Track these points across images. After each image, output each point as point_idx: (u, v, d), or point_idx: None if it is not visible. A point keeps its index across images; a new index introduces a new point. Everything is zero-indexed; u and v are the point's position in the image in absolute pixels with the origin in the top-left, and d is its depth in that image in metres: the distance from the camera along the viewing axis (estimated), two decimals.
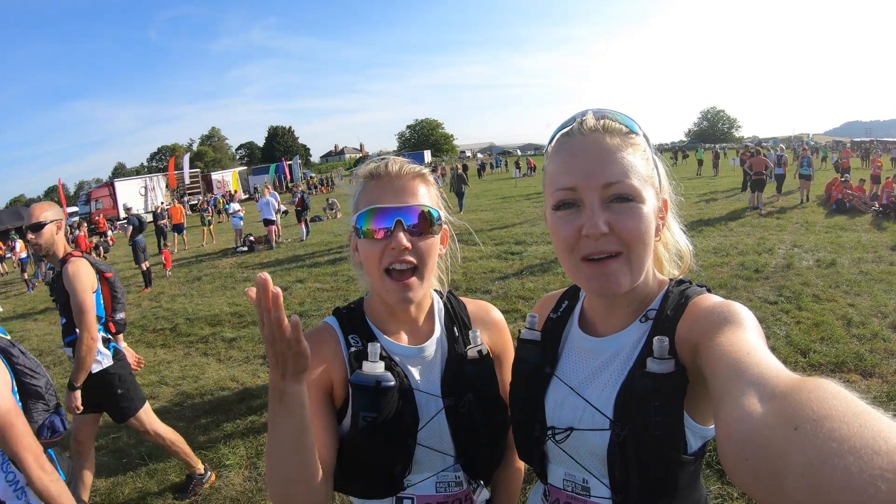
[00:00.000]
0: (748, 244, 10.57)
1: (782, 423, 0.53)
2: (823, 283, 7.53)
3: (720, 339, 0.80)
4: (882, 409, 0.49)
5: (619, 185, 0.94)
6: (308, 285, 10.37)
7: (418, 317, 1.30)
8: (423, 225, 1.18)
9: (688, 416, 0.94)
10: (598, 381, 1.05)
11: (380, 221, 1.15)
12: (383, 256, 1.15)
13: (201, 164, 77.75)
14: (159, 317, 9.47)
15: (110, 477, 4.30)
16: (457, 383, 1.24)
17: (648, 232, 0.96)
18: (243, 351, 7.07)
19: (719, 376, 0.73)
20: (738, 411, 0.62)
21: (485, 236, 13.83)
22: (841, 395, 0.52)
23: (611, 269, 0.96)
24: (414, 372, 1.23)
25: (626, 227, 0.94)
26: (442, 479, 1.24)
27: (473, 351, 1.27)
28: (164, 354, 7.40)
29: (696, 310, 0.94)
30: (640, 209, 0.95)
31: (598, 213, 0.94)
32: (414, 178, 1.22)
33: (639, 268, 0.97)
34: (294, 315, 0.88)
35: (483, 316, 1.42)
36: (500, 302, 7.77)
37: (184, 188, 43.38)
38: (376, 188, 1.19)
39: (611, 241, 0.94)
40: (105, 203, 37.69)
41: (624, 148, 0.97)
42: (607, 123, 0.99)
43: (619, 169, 0.95)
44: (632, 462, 0.96)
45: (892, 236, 10.73)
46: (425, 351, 1.26)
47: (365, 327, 1.26)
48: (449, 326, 1.33)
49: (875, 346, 5.35)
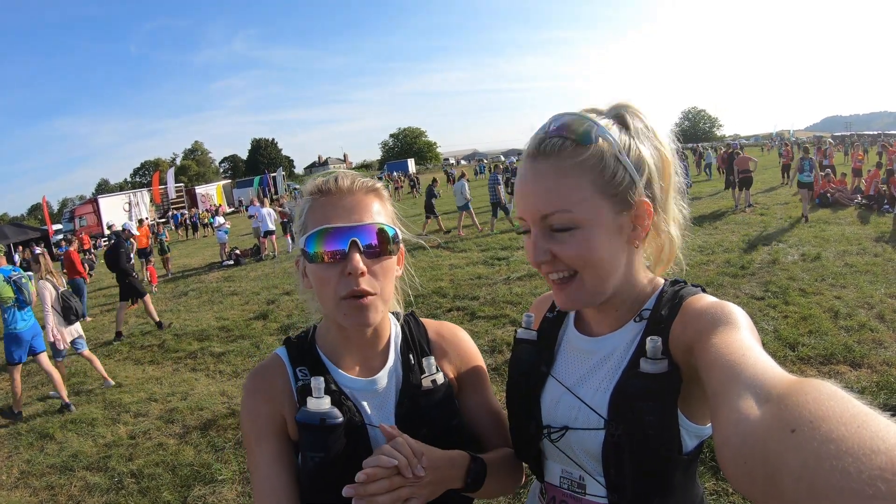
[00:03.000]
0: (733, 241, 10.67)
1: (779, 426, 0.53)
2: (809, 277, 7.60)
3: (715, 340, 0.80)
4: (872, 398, 0.49)
5: (553, 217, 0.93)
6: (295, 297, 10.30)
7: (375, 343, 1.19)
8: (381, 245, 1.07)
9: (683, 416, 0.94)
10: (593, 381, 1.04)
11: (332, 243, 1.04)
12: (339, 284, 1.04)
13: (185, 178, 77.50)
14: (146, 333, 9.37)
15: (102, 496, 4.24)
16: (411, 417, 1.14)
17: (594, 254, 0.94)
18: (232, 365, 7.01)
19: (715, 378, 0.73)
20: (734, 414, 0.61)
21: (471, 243, 13.84)
22: (837, 396, 0.51)
23: (567, 291, 0.98)
24: (366, 406, 1.13)
25: (567, 255, 0.94)
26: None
27: (427, 381, 1.17)
28: (152, 371, 7.32)
29: (690, 310, 0.93)
30: (583, 235, 0.93)
31: (540, 243, 0.95)
32: (367, 194, 1.11)
33: (595, 286, 0.96)
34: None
35: (447, 339, 1.30)
36: (488, 308, 7.78)
37: (168, 203, 43.10)
38: (326, 206, 1.08)
39: (560, 265, 0.95)
40: (89, 220, 37.36)
41: (563, 171, 0.92)
42: (548, 144, 0.94)
43: (552, 198, 0.92)
44: (626, 461, 0.95)
45: (875, 228, 10.88)
46: (377, 383, 1.16)
47: (314, 358, 1.16)
48: (405, 354, 1.22)
49: (863, 336, 5.40)
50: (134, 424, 5.56)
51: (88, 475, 4.60)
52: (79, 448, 5.13)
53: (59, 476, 4.66)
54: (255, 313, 9.55)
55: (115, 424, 5.65)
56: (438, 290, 9.20)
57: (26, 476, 4.77)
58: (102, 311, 12.17)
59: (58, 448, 5.23)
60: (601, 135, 0.94)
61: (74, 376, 7.42)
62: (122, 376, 7.18)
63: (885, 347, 5.10)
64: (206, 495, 4.07)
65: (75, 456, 4.98)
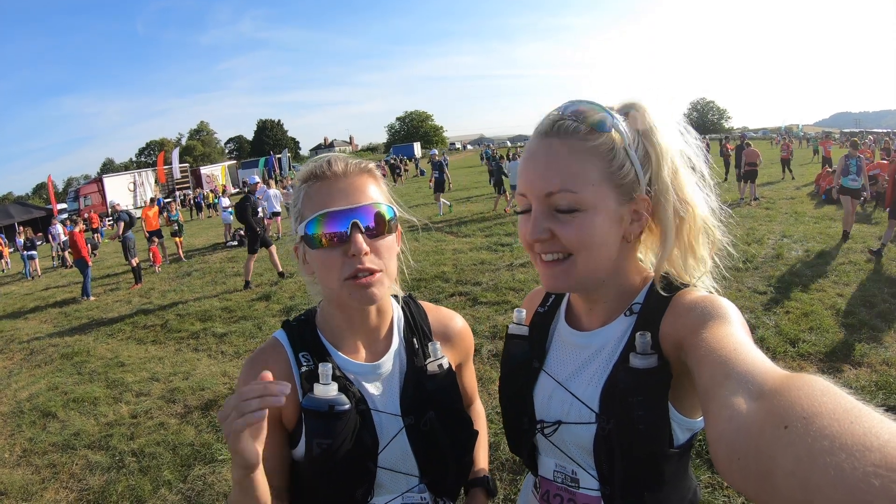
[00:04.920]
0: (737, 235, 10.45)
1: (772, 422, 0.53)
2: (812, 273, 7.57)
3: (705, 334, 0.80)
4: (871, 398, 0.49)
5: (558, 196, 0.92)
6: (298, 279, 10.30)
7: (379, 326, 1.21)
8: (381, 225, 1.09)
9: (674, 409, 0.94)
10: (584, 375, 1.05)
11: (333, 226, 1.05)
12: (343, 266, 1.06)
13: (190, 158, 77.30)
14: (149, 313, 9.41)
15: (103, 475, 4.28)
16: (417, 400, 1.17)
17: (593, 239, 0.94)
18: (234, 346, 7.05)
19: (706, 374, 0.73)
20: (726, 410, 0.61)
21: (475, 227, 13.82)
22: (830, 392, 0.51)
23: (556, 271, 0.97)
24: (371, 390, 1.15)
25: (566, 236, 0.93)
26: (408, 500, 1.18)
27: (434, 365, 1.20)
28: (154, 351, 7.36)
29: (680, 304, 0.94)
30: (585, 218, 0.93)
31: (540, 221, 0.94)
32: (361, 175, 1.12)
33: (587, 271, 0.96)
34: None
35: (445, 324, 1.34)
36: (490, 293, 7.78)
37: (173, 183, 43.03)
38: (322, 190, 1.09)
39: (556, 245, 0.95)
40: (94, 199, 37.27)
41: (575, 153, 0.93)
42: (563, 124, 0.95)
43: (561, 178, 0.92)
44: (617, 455, 0.96)
45: (880, 226, 10.79)
46: (382, 367, 1.18)
47: (317, 343, 1.17)
48: (408, 338, 1.24)
49: (863, 335, 5.39)
50: (136, 404, 5.60)
51: (90, 454, 4.64)
52: (81, 427, 5.17)
53: (61, 454, 4.70)
54: (257, 294, 9.59)
55: (116, 403, 5.69)
56: (441, 274, 9.21)
57: (28, 454, 4.82)
58: (106, 291, 12.22)
59: (60, 426, 5.28)
60: (615, 126, 0.95)
61: (77, 355, 7.49)
62: (124, 356, 7.23)
63: (885, 347, 5.08)
64: (206, 475, 4.10)
65: (77, 434, 5.02)
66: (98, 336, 8.49)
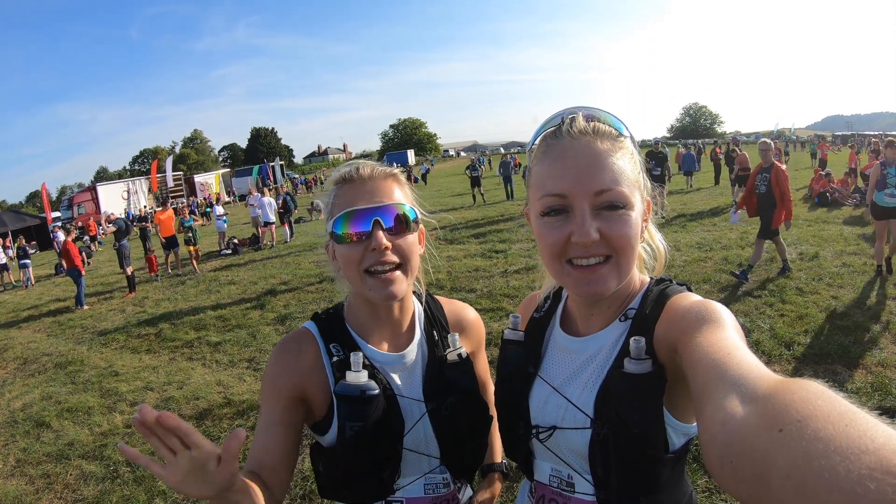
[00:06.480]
0: (731, 238, 10.66)
1: (766, 425, 0.52)
2: (807, 276, 7.60)
3: (699, 339, 0.80)
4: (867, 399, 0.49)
5: (610, 193, 0.92)
6: (293, 287, 10.31)
7: (402, 320, 1.30)
8: (401, 224, 1.17)
9: (669, 414, 0.94)
10: (579, 381, 1.05)
11: (357, 224, 1.15)
12: (363, 259, 1.15)
13: (184, 166, 77.30)
14: (143, 322, 9.36)
15: (97, 485, 4.25)
16: (438, 387, 1.25)
17: (636, 237, 0.95)
18: (228, 355, 7.02)
19: (700, 377, 0.72)
20: (720, 414, 0.61)
21: (468, 234, 13.84)
22: (825, 395, 0.51)
23: (600, 275, 0.94)
24: (396, 378, 1.24)
25: (616, 234, 0.92)
26: (430, 482, 1.26)
27: (453, 355, 1.28)
28: (148, 360, 7.32)
29: (674, 309, 0.93)
30: (630, 216, 0.93)
31: (589, 220, 0.91)
32: (386, 178, 1.22)
33: (626, 271, 0.97)
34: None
35: (460, 316, 1.44)
36: (484, 300, 7.78)
37: (167, 191, 42.97)
38: (349, 192, 1.19)
39: (600, 247, 0.93)
40: (88, 207, 37.22)
41: (614, 152, 0.94)
42: (598, 126, 0.96)
43: (609, 176, 0.92)
44: (612, 459, 0.96)
45: (873, 228, 10.81)
46: (406, 357, 1.27)
47: (346, 335, 1.25)
48: (428, 331, 1.34)
49: (858, 337, 5.41)
50: (130, 413, 5.55)
51: (84, 464, 4.61)
52: (75, 436, 5.14)
53: (55, 464, 4.67)
54: (252, 303, 9.55)
55: (111, 413, 5.66)
56: (435, 281, 9.16)
57: (22, 464, 4.78)
58: (100, 300, 12.16)
59: (54, 436, 5.24)
60: (629, 133, 1.00)
61: (71, 365, 7.44)
62: (118, 365, 7.19)
63: (880, 349, 5.10)
64: None
65: (71, 444, 4.99)
66: (92, 345, 8.44)
